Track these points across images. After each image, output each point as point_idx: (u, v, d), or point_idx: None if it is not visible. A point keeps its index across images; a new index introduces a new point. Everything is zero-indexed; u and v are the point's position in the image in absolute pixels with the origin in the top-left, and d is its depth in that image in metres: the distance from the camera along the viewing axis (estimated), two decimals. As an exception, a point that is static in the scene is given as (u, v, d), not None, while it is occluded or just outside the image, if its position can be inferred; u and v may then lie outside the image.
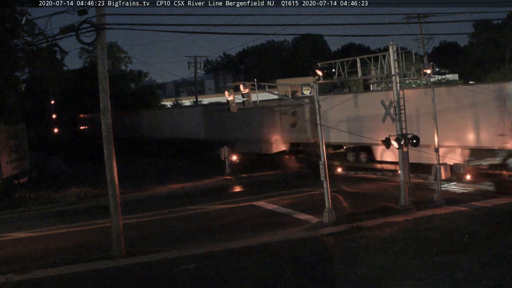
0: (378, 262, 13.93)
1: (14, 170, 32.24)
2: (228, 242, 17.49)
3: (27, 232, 21.48)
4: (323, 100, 26.06)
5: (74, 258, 16.51)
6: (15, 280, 14.84)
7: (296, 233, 18.05)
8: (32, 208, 26.14)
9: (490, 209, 19.11)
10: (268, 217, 21.22)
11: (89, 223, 22.25)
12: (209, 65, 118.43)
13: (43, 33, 20.79)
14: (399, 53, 20.85)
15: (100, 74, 16.90)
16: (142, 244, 17.91)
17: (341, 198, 23.20)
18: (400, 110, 20.46)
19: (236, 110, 20.65)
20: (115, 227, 16.91)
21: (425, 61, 44.01)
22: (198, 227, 20.50)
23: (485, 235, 15.62)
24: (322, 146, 19.44)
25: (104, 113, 16.89)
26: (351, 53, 33.54)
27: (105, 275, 15.02)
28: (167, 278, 14.33)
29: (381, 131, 21.92)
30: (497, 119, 22.20)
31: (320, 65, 21.60)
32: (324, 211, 19.10)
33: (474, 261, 13.25)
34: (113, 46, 69.88)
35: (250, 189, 28.10)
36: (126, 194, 26.99)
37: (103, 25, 16.55)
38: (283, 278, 13.50)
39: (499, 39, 68.60)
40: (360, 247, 15.55)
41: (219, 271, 14.58)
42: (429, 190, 22.31)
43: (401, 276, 12.73)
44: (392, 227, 17.52)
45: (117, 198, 17.04)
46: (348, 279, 12.94)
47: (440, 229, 16.68)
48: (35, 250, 18.42)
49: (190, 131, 44.27)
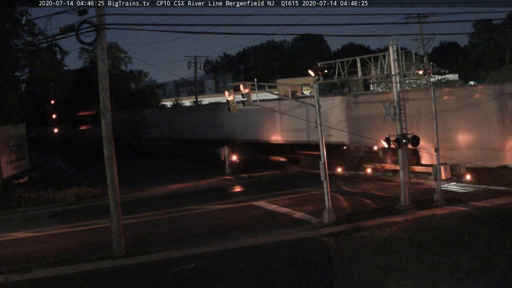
0: (378, 262, 13.92)
1: (14, 170, 32.26)
2: (228, 242, 17.49)
3: (27, 232, 21.48)
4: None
5: (74, 258, 16.51)
6: (15, 280, 14.83)
7: (296, 233, 18.05)
8: (32, 208, 26.12)
9: (490, 209, 19.10)
10: (268, 217, 21.23)
11: (89, 223, 22.26)
12: (209, 65, 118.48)
13: (43, 33, 20.79)
14: (399, 53, 20.85)
15: (100, 74, 16.90)
16: (142, 244, 17.91)
17: (341, 198, 23.21)
18: (400, 110, 20.48)
19: (236, 110, 20.65)
20: (115, 227, 16.92)
21: (425, 61, 44.03)
22: (198, 227, 20.50)
23: (485, 235, 15.60)
24: (322, 146, 19.44)
25: (104, 113, 16.89)
26: (351, 53, 33.46)
27: (105, 275, 15.01)
28: (167, 278, 14.33)
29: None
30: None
31: (320, 65, 21.61)
32: (324, 211, 19.10)
33: (474, 261, 13.24)
34: (113, 46, 69.77)
35: (250, 189, 28.11)
36: (126, 194, 27.04)
37: (103, 25, 16.56)
38: (283, 278, 13.50)
39: (499, 39, 68.58)
40: (360, 247, 15.54)
41: (219, 271, 14.58)
42: (429, 190, 22.31)
43: (401, 276, 12.72)
44: (392, 227, 17.52)
45: (117, 198, 17.05)
46: (348, 279, 12.93)
47: (440, 229, 16.66)
48: (35, 250, 18.42)
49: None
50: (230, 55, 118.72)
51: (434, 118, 21.17)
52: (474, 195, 21.57)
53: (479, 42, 73.93)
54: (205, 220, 21.61)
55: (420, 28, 50.98)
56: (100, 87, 16.90)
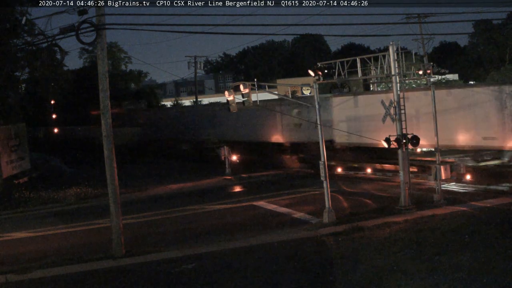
0: (378, 262, 13.92)
1: (14, 170, 32.27)
2: (228, 242, 17.49)
3: (27, 232, 21.48)
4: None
5: (74, 258, 16.53)
6: (15, 280, 14.84)
7: (296, 233, 18.04)
8: (32, 208, 26.15)
9: (490, 209, 19.10)
10: (268, 217, 21.22)
11: (89, 223, 22.26)
12: (209, 65, 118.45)
13: (43, 33, 20.74)
14: (399, 53, 20.85)
15: (100, 74, 16.90)
16: (142, 244, 17.92)
17: (341, 198, 23.20)
18: (400, 110, 20.47)
19: (236, 110, 20.65)
20: (115, 227, 16.91)
21: (425, 61, 44.03)
22: (198, 227, 20.50)
23: (485, 235, 15.61)
24: (322, 146, 19.44)
25: (104, 113, 16.89)
26: (351, 53, 33.43)
27: (105, 275, 15.01)
28: (167, 278, 14.33)
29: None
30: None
31: (320, 65, 21.62)
32: (324, 211, 19.10)
33: (474, 261, 13.24)
34: (113, 46, 69.77)
35: (250, 189, 28.11)
36: (126, 194, 27.04)
37: (103, 25, 16.55)
38: (283, 278, 13.50)
39: (499, 39, 68.57)
40: (360, 247, 15.54)
41: (219, 271, 14.59)
42: (429, 190, 22.31)
43: (401, 276, 12.71)
44: (392, 227, 17.52)
45: (117, 198, 17.04)
46: (348, 279, 12.93)
47: (440, 229, 16.67)
48: (35, 250, 18.42)
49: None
50: (230, 55, 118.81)
51: (434, 118, 21.16)
52: (474, 195, 21.57)
53: (479, 42, 73.93)
54: (205, 220, 21.61)
55: (420, 28, 50.95)
56: (100, 87, 16.90)
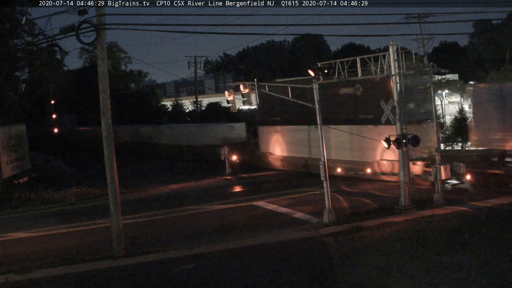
0: (378, 262, 13.92)
1: (14, 170, 32.23)
2: (228, 242, 17.49)
3: (27, 232, 21.48)
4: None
5: (74, 258, 16.54)
6: (15, 280, 14.85)
7: (296, 233, 18.05)
8: (32, 208, 26.14)
9: (490, 209, 19.10)
10: (268, 217, 21.22)
11: (89, 223, 22.25)
12: (209, 65, 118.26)
13: (43, 33, 20.82)
14: (399, 53, 20.85)
15: (100, 74, 16.90)
16: (142, 244, 17.92)
17: (341, 198, 23.20)
18: (400, 110, 20.46)
19: (236, 110, 20.66)
20: (115, 227, 16.91)
21: (425, 61, 44.01)
22: (198, 227, 20.49)
23: (485, 235, 15.61)
24: (322, 145, 19.44)
25: (104, 113, 16.89)
26: (351, 53, 33.48)
27: (105, 275, 15.02)
28: (167, 278, 14.34)
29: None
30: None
31: (320, 65, 21.63)
32: (324, 211, 19.10)
33: (474, 261, 13.25)
34: (113, 46, 69.83)
35: (250, 189, 28.10)
36: (126, 194, 27.04)
37: (103, 25, 16.56)
38: (283, 278, 13.50)
39: (499, 39, 68.55)
40: (360, 247, 15.55)
41: (219, 271, 14.59)
42: (429, 190, 22.30)
43: (401, 276, 12.72)
44: (392, 227, 17.52)
45: (117, 198, 17.04)
46: (348, 279, 12.93)
47: (440, 229, 16.67)
48: (35, 250, 18.42)
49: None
50: (230, 55, 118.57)
51: (434, 118, 21.17)
52: (474, 195, 21.57)
53: (479, 42, 73.91)
54: (205, 220, 21.60)
55: (420, 28, 50.92)
56: (100, 87, 16.90)
